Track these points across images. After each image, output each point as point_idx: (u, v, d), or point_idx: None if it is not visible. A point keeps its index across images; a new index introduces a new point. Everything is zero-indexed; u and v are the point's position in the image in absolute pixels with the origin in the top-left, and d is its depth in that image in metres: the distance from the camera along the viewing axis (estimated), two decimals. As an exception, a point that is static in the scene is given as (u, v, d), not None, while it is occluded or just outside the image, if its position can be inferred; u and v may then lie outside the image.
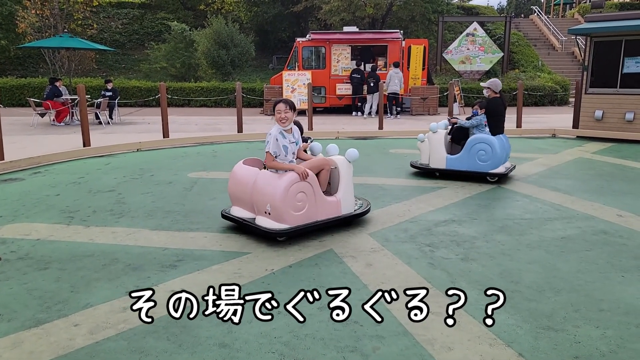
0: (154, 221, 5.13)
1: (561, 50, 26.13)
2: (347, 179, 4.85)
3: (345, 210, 4.82)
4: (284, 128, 4.55)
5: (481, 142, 6.86)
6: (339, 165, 4.84)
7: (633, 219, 5.10)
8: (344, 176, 4.84)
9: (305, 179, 4.40)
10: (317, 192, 4.57)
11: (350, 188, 4.88)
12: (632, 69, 10.42)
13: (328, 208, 4.67)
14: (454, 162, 7.06)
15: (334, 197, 4.78)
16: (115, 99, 14.63)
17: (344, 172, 4.84)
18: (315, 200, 4.56)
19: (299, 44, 16.92)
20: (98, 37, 26.14)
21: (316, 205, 4.57)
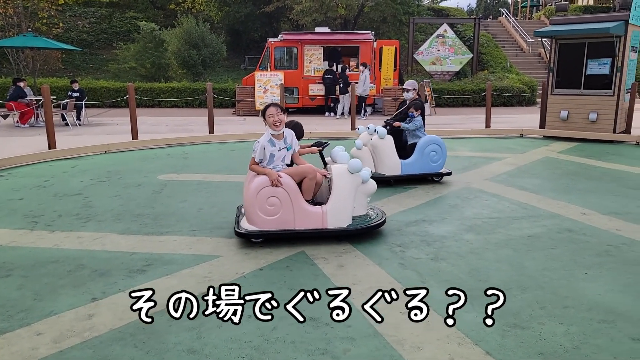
0: (122, 225, 5.02)
1: (528, 52, 26.72)
2: (341, 192, 4.42)
3: (334, 224, 4.41)
4: (276, 132, 4.42)
5: (433, 144, 6.88)
6: (334, 174, 4.45)
7: (596, 217, 5.24)
8: (338, 188, 4.42)
9: (277, 185, 4.30)
10: (294, 199, 4.35)
11: (345, 201, 4.43)
12: (595, 70, 10.73)
13: (309, 218, 4.39)
14: (408, 166, 6.82)
15: (320, 208, 4.43)
16: (83, 100, 14.30)
17: (337, 184, 4.41)
18: (293, 208, 4.35)
19: (271, 45, 16.86)
20: (64, 37, 25.51)
21: (294, 213, 4.36)
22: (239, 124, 14.52)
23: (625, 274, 3.80)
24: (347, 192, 4.44)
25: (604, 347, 2.79)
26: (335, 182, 4.42)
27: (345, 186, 4.43)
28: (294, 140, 4.64)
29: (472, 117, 15.67)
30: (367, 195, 4.75)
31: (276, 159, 4.46)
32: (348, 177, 4.44)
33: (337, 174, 4.44)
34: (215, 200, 5.97)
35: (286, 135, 4.56)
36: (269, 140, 4.44)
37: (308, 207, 4.42)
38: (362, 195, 4.68)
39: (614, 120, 10.57)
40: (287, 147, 4.55)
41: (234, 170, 7.80)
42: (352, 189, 4.47)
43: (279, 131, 4.44)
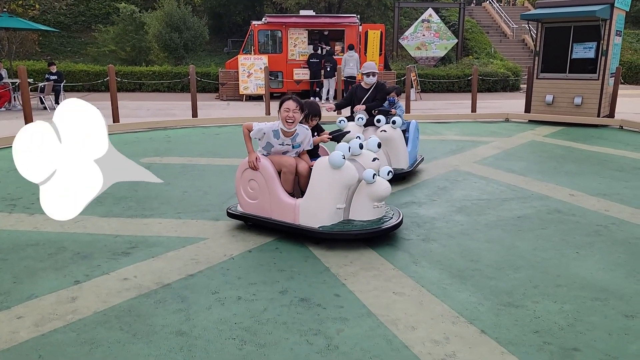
0: (104, 208, 4.88)
1: (512, 38, 26.76)
2: (315, 187, 3.90)
3: (306, 221, 3.92)
4: (287, 129, 4.04)
5: (417, 129, 6.57)
6: (314, 167, 3.99)
7: (584, 198, 5.25)
8: (313, 183, 3.92)
9: (253, 167, 4.07)
10: (271, 187, 4.04)
11: (319, 199, 3.88)
12: (580, 54, 10.75)
13: (283, 210, 4.02)
14: (412, 156, 6.30)
15: (292, 200, 4.03)
16: (61, 83, 13.93)
17: (314, 177, 3.92)
18: (269, 196, 4.07)
19: (255, 28, 16.58)
20: (40, 19, 24.78)
21: (270, 201, 4.08)
22: (222, 108, 14.30)
23: (615, 253, 3.80)
24: (322, 188, 3.87)
25: (598, 324, 2.77)
26: (313, 175, 3.94)
27: (322, 182, 3.87)
28: (307, 140, 4.20)
29: (457, 102, 15.68)
30: (373, 199, 3.99)
31: (274, 151, 4.15)
32: (326, 172, 3.85)
33: (316, 167, 3.94)
34: (200, 184, 5.84)
35: (298, 133, 4.13)
36: (274, 131, 4.05)
37: (283, 198, 4.03)
38: (365, 198, 4.00)
39: (599, 105, 10.63)
40: (294, 146, 4.17)
41: (218, 154, 7.66)
42: (329, 186, 3.85)
43: (290, 129, 4.03)
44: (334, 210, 3.90)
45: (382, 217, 4.08)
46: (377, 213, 4.06)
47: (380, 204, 4.07)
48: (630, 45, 25.42)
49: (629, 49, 25.06)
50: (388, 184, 4.04)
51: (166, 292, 3.13)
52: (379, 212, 4.08)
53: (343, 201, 3.94)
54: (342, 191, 3.91)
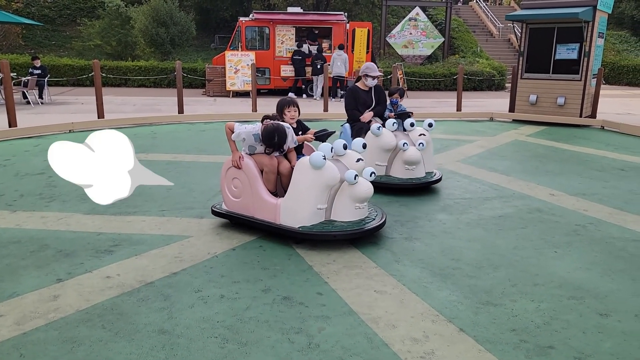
0: (87, 205, 4.85)
1: (498, 37, 26.99)
2: (297, 187, 3.88)
3: (286, 221, 3.91)
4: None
5: None
6: (295, 167, 3.97)
7: (564, 198, 5.34)
8: (294, 182, 3.90)
9: (236, 166, 4.08)
10: (254, 185, 4.04)
11: (300, 199, 3.85)
12: (563, 55, 10.90)
13: (265, 209, 4.02)
14: None
15: (274, 199, 4.01)
16: (45, 78, 13.75)
17: (295, 177, 3.90)
18: (252, 195, 4.08)
19: (242, 24, 16.51)
20: (24, 12, 24.41)
21: (253, 199, 4.08)
22: (209, 104, 14.24)
23: (592, 252, 3.89)
24: (303, 188, 3.85)
25: (573, 323, 2.84)
26: (294, 175, 3.92)
27: (302, 182, 3.85)
28: (289, 139, 4.08)
29: (443, 101, 15.78)
30: (355, 200, 3.98)
31: (258, 152, 4.13)
32: (307, 172, 3.82)
33: (297, 166, 3.92)
34: (185, 181, 5.83)
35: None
36: (254, 135, 4.01)
37: (265, 197, 4.02)
38: (346, 199, 3.99)
39: (581, 105, 10.79)
40: None
41: (204, 151, 7.65)
42: (310, 186, 3.83)
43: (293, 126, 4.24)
44: (314, 210, 3.88)
45: (364, 218, 4.08)
46: (359, 214, 4.05)
47: (363, 205, 4.06)
48: (613, 47, 25.80)
49: (612, 50, 25.44)
50: (370, 185, 4.03)
51: (149, 291, 3.14)
52: (361, 213, 4.07)
53: (324, 201, 3.93)
54: (323, 191, 3.89)
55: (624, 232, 4.34)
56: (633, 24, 26.75)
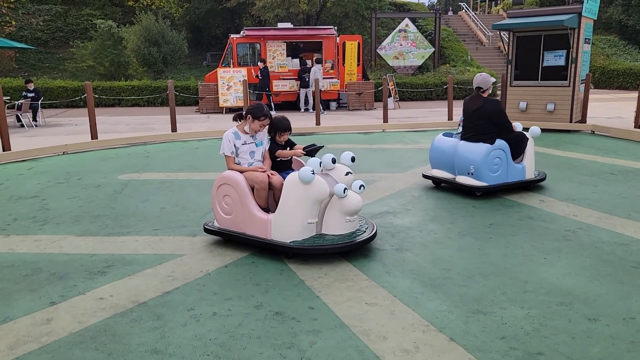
0: (81, 227, 4.88)
1: (488, 45, 27.29)
2: (287, 202, 3.89)
3: (278, 236, 3.93)
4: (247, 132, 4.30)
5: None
6: (285, 182, 3.97)
7: (554, 203, 5.40)
8: (284, 197, 3.91)
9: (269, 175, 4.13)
10: (244, 202, 4.07)
11: (291, 214, 3.88)
12: (551, 62, 11.04)
13: (256, 225, 4.04)
14: None
15: (265, 215, 4.04)
16: (38, 100, 13.82)
17: (285, 193, 3.91)
18: (243, 211, 4.10)
19: (233, 41, 16.67)
20: (17, 35, 24.59)
21: (244, 216, 4.10)
22: (202, 121, 14.32)
23: (581, 257, 3.93)
24: (293, 203, 3.86)
25: (562, 328, 2.88)
26: (284, 190, 3.93)
27: (292, 197, 3.86)
28: (265, 138, 4.41)
29: (435, 110, 15.91)
30: (345, 214, 3.98)
31: (241, 153, 4.28)
32: (297, 187, 3.84)
33: (287, 182, 3.93)
34: (178, 199, 5.86)
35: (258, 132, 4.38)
36: (233, 132, 4.28)
37: (256, 213, 4.05)
38: (336, 213, 4.00)
39: (571, 110, 10.90)
40: (256, 143, 4.34)
41: (197, 168, 7.69)
42: (300, 201, 3.85)
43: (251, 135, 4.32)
44: (305, 225, 3.91)
45: (354, 231, 4.09)
46: (350, 227, 4.06)
47: (353, 218, 4.06)
48: (602, 51, 26.09)
49: (601, 54, 25.72)
50: (359, 198, 4.02)
51: (142, 311, 3.16)
52: (352, 226, 4.08)
53: (314, 216, 3.96)
54: (313, 206, 3.91)
55: (613, 236, 4.39)
56: (621, 28, 27.10)
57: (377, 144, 9.98)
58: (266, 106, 4.40)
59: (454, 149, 5.99)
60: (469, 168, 5.80)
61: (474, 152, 5.76)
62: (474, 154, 5.74)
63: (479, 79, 5.88)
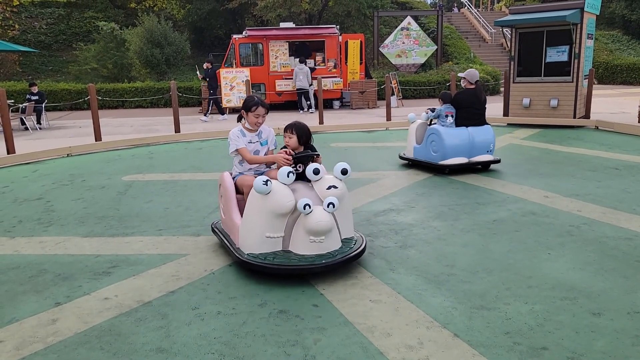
0: (85, 228, 4.91)
1: (491, 42, 27.22)
2: (248, 211, 3.66)
3: (242, 246, 3.71)
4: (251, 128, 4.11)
5: (433, 133, 6.93)
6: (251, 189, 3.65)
7: (558, 200, 5.39)
8: (247, 205, 3.68)
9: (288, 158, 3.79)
10: (228, 204, 3.98)
11: (253, 225, 3.62)
12: (554, 58, 11.01)
13: (233, 229, 3.90)
14: (418, 152, 7.27)
15: (239, 220, 3.82)
16: (42, 103, 13.89)
17: (248, 200, 3.68)
18: (230, 214, 3.97)
19: (236, 41, 16.69)
20: (20, 39, 24.72)
21: (227, 218, 4.03)
22: (205, 122, 14.34)
23: (585, 252, 3.92)
24: (252, 213, 3.62)
25: (566, 323, 2.87)
26: (248, 197, 3.69)
27: (252, 207, 3.62)
28: (270, 137, 4.22)
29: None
30: (308, 233, 3.53)
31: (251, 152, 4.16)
32: (256, 196, 3.57)
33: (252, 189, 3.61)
34: (182, 199, 5.88)
35: (261, 130, 4.17)
36: (239, 130, 4.09)
37: (233, 217, 3.89)
38: (302, 230, 3.58)
39: (574, 106, 10.87)
40: (261, 142, 4.15)
41: (201, 169, 7.71)
42: (258, 212, 3.58)
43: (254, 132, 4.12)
44: (263, 238, 3.61)
45: (324, 253, 3.58)
46: (315, 248, 3.57)
47: (319, 239, 3.56)
48: (605, 46, 25.98)
49: (605, 49, 25.61)
50: (326, 218, 3.51)
51: (147, 310, 3.17)
52: (318, 247, 3.57)
53: (277, 230, 3.59)
54: (272, 219, 3.56)
55: (617, 231, 4.37)
56: (624, 23, 26.97)
57: (380, 142, 9.99)
58: (258, 96, 4.21)
59: (468, 135, 6.91)
60: (489, 147, 6.98)
61: (489, 133, 7.05)
62: (490, 135, 7.05)
63: (475, 74, 7.05)
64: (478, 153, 6.88)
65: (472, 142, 6.83)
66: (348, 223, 3.93)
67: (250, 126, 4.12)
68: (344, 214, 3.85)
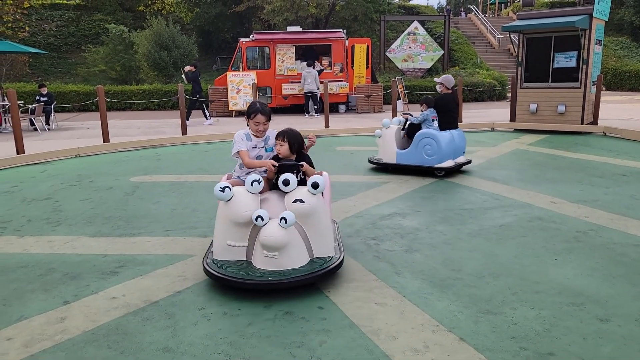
0: (93, 228, 4.94)
1: (498, 48, 27.20)
2: (217, 217, 3.61)
3: (213, 250, 3.66)
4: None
5: (426, 137, 7.02)
6: None
7: (565, 205, 5.37)
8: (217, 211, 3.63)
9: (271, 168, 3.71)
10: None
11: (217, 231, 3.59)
12: (562, 63, 10.99)
13: None
14: (403, 156, 7.24)
15: None
16: (51, 104, 14.00)
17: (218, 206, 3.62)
18: None
19: (243, 45, 16.77)
20: (31, 41, 24.93)
21: None
22: (212, 124, 14.40)
23: (592, 258, 3.91)
24: (217, 219, 3.57)
25: (574, 329, 2.86)
26: None
27: (218, 212, 3.56)
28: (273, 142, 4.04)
29: (444, 113, 15.84)
30: (263, 247, 3.37)
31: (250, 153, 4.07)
32: (221, 203, 3.52)
33: None
34: (189, 201, 5.91)
35: (269, 136, 4.01)
36: (245, 133, 3.95)
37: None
38: (258, 243, 3.44)
39: (582, 112, 10.84)
40: (266, 149, 4.00)
41: (207, 171, 7.74)
42: (220, 217, 3.54)
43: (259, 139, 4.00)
44: (224, 245, 3.54)
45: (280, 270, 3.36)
46: (269, 264, 3.38)
47: (272, 254, 3.36)
48: (614, 53, 25.90)
49: (613, 55, 25.53)
50: (273, 233, 3.28)
51: (153, 310, 3.19)
52: (271, 263, 3.38)
53: (240, 239, 3.48)
54: (232, 227, 3.48)
55: (626, 237, 4.35)
56: (633, 30, 26.88)
57: (386, 146, 9.97)
58: (262, 102, 4.09)
59: (453, 138, 7.17)
60: (464, 149, 7.44)
61: (463, 136, 7.49)
62: (464, 138, 7.50)
63: (452, 79, 7.50)
64: (458, 155, 7.27)
65: (455, 145, 7.18)
66: (323, 241, 3.57)
67: (255, 133, 3.99)
68: (316, 231, 3.52)
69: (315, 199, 3.48)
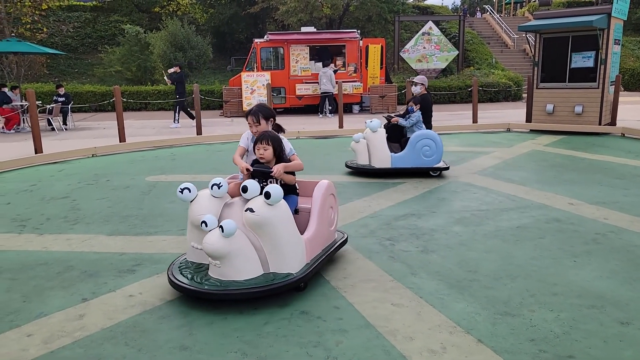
0: (110, 226, 4.99)
1: (513, 48, 26.94)
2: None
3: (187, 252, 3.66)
4: None
5: (425, 138, 6.92)
6: None
7: (583, 207, 5.30)
8: None
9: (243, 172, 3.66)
10: None
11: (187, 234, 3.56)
12: (579, 63, 10.85)
13: None
14: (399, 160, 6.94)
15: None
16: (69, 104, 14.18)
17: None
18: None
19: (257, 45, 16.83)
20: (48, 42, 25.28)
21: None
22: (226, 125, 14.48)
23: (612, 260, 3.85)
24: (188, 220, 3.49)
25: (594, 332, 2.82)
26: None
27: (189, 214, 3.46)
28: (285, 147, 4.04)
29: (459, 113, 15.77)
30: (210, 256, 3.22)
31: (250, 154, 4.05)
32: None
33: None
34: (205, 200, 5.93)
35: None
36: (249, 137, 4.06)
37: None
38: None
39: (600, 113, 10.69)
40: None
41: (222, 171, 7.77)
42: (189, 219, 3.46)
43: None
44: (191, 246, 3.49)
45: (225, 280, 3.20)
46: (216, 272, 3.25)
47: (215, 263, 3.22)
48: (632, 53, 25.51)
49: (631, 56, 25.15)
50: (212, 240, 3.13)
51: (170, 308, 3.21)
52: (217, 271, 3.25)
53: (199, 241, 3.32)
54: (193, 229, 3.43)
55: (645, 239, 4.28)
56: (651, 30, 26.43)
57: (400, 146, 9.93)
58: (263, 104, 4.10)
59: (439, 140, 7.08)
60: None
61: None
62: None
63: (426, 79, 7.65)
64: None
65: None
66: (280, 256, 3.27)
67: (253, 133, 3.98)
68: (273, 244, 3.25)
69: (269, 209, 3.17)
